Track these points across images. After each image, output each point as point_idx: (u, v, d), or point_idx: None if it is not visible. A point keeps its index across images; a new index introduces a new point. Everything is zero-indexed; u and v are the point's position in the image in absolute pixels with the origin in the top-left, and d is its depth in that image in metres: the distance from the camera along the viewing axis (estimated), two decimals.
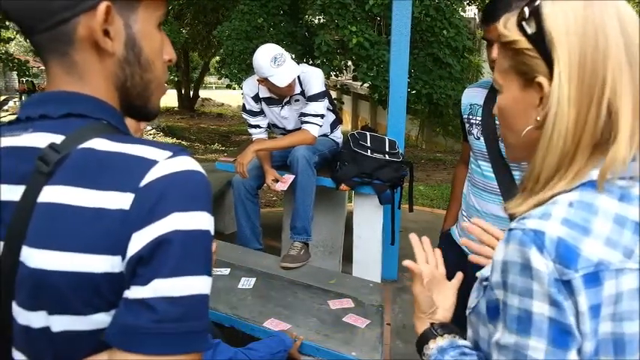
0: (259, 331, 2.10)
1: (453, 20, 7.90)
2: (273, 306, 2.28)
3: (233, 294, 2.35)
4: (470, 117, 1.80)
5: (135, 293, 0.57)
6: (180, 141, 11.80)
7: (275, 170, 2.96)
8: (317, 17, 8.53)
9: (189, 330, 0.58)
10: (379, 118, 14.33)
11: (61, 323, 0.59)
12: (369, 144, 3.06)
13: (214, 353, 1.57)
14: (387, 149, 3.06)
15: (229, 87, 9.61)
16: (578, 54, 0.66)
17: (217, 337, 1.69)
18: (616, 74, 0.66)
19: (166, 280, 0.56)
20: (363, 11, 7.43)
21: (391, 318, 3.11)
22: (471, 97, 1.82)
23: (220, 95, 25.80)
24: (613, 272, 0.63)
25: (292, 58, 2.78)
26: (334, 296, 2.42)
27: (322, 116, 2.89)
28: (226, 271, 2.56)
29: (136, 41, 0.67)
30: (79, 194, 0.58)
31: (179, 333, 0.57)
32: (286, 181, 2.91)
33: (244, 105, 3.02)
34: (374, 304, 2.37)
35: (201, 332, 0.59)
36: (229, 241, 3.14)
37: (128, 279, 0.57)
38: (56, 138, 0.62)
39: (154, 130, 12.17)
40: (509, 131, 0.78)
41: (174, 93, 19.87)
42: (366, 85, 8.12)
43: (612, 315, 0.64)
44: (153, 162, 0.60)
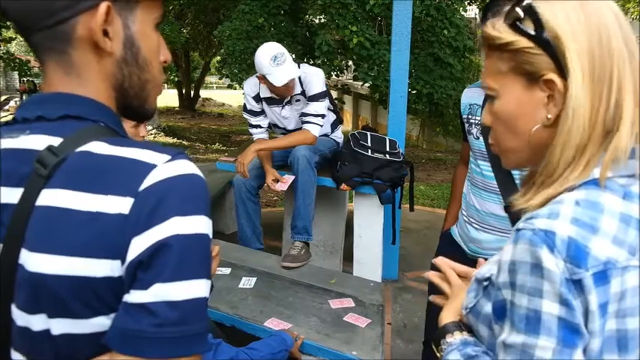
0: (260, 331, 2.10)
1: (454, 20, 7.91)
2: (274, 305, 2.28)
3: (234, 294, 2.36)
4: (469, 117, 1.80)
5: (135, 297, 0.57)
6: (180, 141, 11.81)
7: (275, 170, 2.97)
8: (318, 17, 8.54)
9: (189, 333, 0.58)
10: (380, 118, 14.33)
11: (61, 326, 0.59)
12: (370, 144, 3.06)
13: (216, 353, 1.57)
14: (388, 149, 3.06)
15: (230, 87, 9.63)
16: (586, 49, 0.67)
17: (218, 337, 1.69)
18: (620, 67, 0.67)
19: (167, 285, 0.57)
20: (364, 11, 7.44)
21: (392, 317, 3.12)
22: (471, 97, 1.82)
23: (221, 95, 25.82)
24: (619, 270, 0.63)
25: (293, 58, 2.78)
26: (335, 296, 2.42)
27: (323, 116, 2.89)
28: (227, 271, 2.56)
29: (135, 41, 0.67)
30: (78, 198, 0.58)
31: (180, 336, 0.57)
32: (286, 182, 2.91)
33: (245, 105, 3.02)
34: (374, 304, 2.38)
35: (201, 334, 0.60)
36: (230, 241, 3.14)
37: (128, 283, 0.57)
38: (54, 140, 0.61)
39: (155, 130, 12.17)
40: (511, 135, 0.76)
41: (174, 93, 19.89)
42: (367, 85, 8.13)
43: (616, 312, 0.64)
44: (151, 166, 0.60)
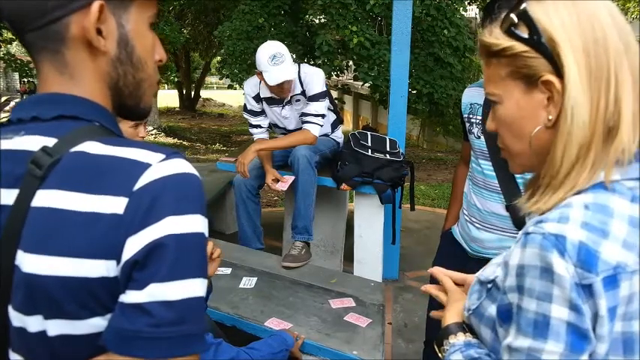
0: (261, 331, 2.10)
1: (454, 20, 7.91)
2: (274, 305, 2.28)
3: (234, 293, 2.36)
4: (470, 116, 1.80)
5: (131, 298, 0.57)
6: (181, 141, 11.82)
7: (276, 170, 2.97)
8: (318, 17, 8.54)
9: (186, 333, 0.58)
10: (380, 118, 14.34)
11: (57, 327, 0.59)
12: (370, 144, 3.06)
13: (216, 353, 1.57)
14: (388, 149, 3.06)
15: (230, 87, 9.62)
16: (581, 47, 0.67)
17: (219, 337, 1.69)
18: (617, 62, 0.68)
19: (162, 285, 0.56)
20: (364, 11, 7.45)
21: (392, 317, 3.12)
22: (472, 97, 1.82)
23: (221, 95, 25.84)
24: (629, 274, 0.63)
25: (293, 59, 2.78)
26: (335, 295, 2.42)
27: (323, 116, 2.89)
28: (228, 271, 2.56)
29: (129, 40, 0.67)
30: (73, 199, 0.58)
31: (176, 336, 0.57)
32: (286, 182, 2.91)
33: (245, 105, 3.02)
34: (375, 304, 2.37)
35: (198, 334, 0.60)
36: (231, 241, 3.15)
37: (123, 283, 0.57)
38: (48, 141, 0.61)
39: (155, 131, 12.18)
40: (516, 139, 0.77)
41: (175, 93, 19.91)
42: (367, 85, 8.13)
43: (624, 315, 0.64)
44: (146, 165, 0.59)
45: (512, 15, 0.71)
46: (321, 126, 2.91)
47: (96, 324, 0.59)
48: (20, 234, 0.58)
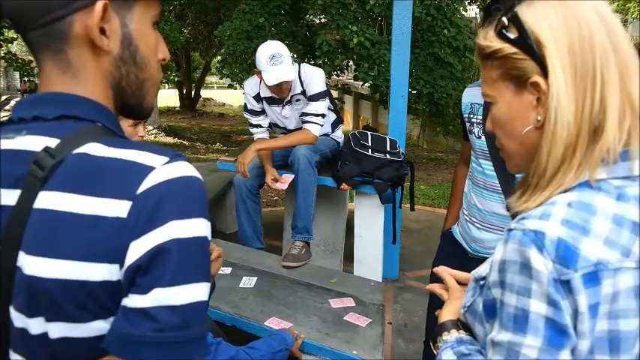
0: (261, 330, 2.10)
1: (454, 20, 7.91)
2: (274, 305, 2.28)
3: (234, 293, 2.36)
4: (471, 116, 1.80)
5: (134, 302, 0.56)
6: (181, 141, 11.82)
7: (275, 170, 2.97)
8: (318, 17, 8.53)
9: (189, 337, 0.58)
10: (380, 118, 14.34)
11: (59, 330, 0.59)
12: (370, 143, 3.06)
13: (216, 352, 1.57)
14: (388, 149, 3.06)
15: (230, 87, 9.63)
16: (566, 46, 0.68)
17: (219, 336, 1.69)
18: (603, 62, 0.68)
19: (166, 290, 0.56)
20: (364, 11, 7.44)
21: (392, 317, 3.12)
22: (472, 97, 1.82)
23: (222, 95, 25.84)
24: (611, 271, 0.64)
25: (294, 58, 2.78)
26: (335, 295, 2.42)
27: (323, 116, 2.89)
28: (228, 271, 2.56)
29: (132, 40, 0.66)
30: (75, 201, 0.57)
31: (180, 341, 0.57)
32: (285, 181, 2.92)
33: (246, 104, 3.02)
34: (375, 303, 2.38)
35: (201, 339, 0.59)
36: (231, 241, 3.15)
37: (126, 287, 0.57)
38: (50, 141, 0.61)
39: (156, 130, 12.18)
40: (509, 139, 0.79)
41: (175, 93, 19.90)
42: (367, 85, 8.13)
43: (608, 313, 0.65)
44: (150, 168, 0.59)
45: (503, 18, 0.73)
46: (322, 126, 2.91)
47: (98, 327, 0.59)
48: (22, 235, 0.58)
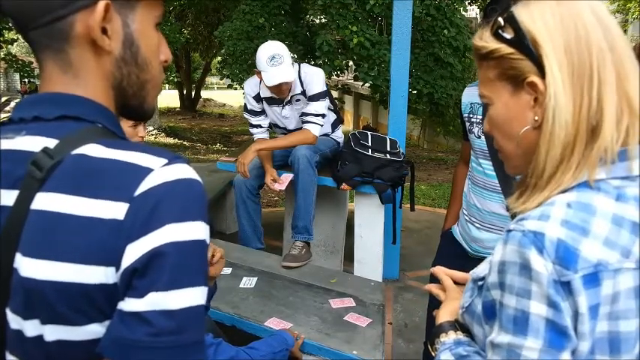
0: (261, 330, 2.10)
1: (454, 20, 7.91)
2: (274, 305, 2.28)
3: (235, 293, 2.36)
4: (470, 116, 1.80)
5: (130, 306, 0.56)
6: (181, 141, 11.82)
7: (275, 170, 2.97)
8: (318, 17, 8.54)
9: (186, 342, 0.57)
10: (381, 118, 14.34)
11: (54, 333, 0.58)
12: (370, 143, 3.06)
13: (216, 352, 1.57)
14: (388, 149, 3.06)
15: (230, 87, 9.62)
16: (563, 46, 0.68)
17: (219, 337, 1.69)
18: (600, 61, 0.68)
19: (162, 294, 0.55)
20: (364, 11, 7.44)
21: (392, 317, 3.12)
22: (472, 96, 1.82)
23: (222, 95, 25.84)
24: (611, 272, 0.63)
25: (294, 59, 2.77)
26: (335, 295, 2.42)
27: (323, 116, 2.89)
28: (228, 271, 2.56)
29: (134, 40, 0.66)
30: (72, 202, 0.57)
31: (175, 346, 0.56)
32: (284, 182, 2.92)
33: (246, 105, 3.02)
34: (375, 303, 2.37)
35: (198, 343, 0.59)
36: (231, 241, 3.15)
37: (122, 290, 0.56)
38: (49, 142, 0.60)
39: (156, 131, 12.18)
40: (506, 140, 0.78)
41: (175, 94, 19.91)
42: (367, 85, 8.13)
43: (609, 314, 0.64)
44: (148, 170, 0.58)
45: (499, 18, 0.73)
46: (322, 126, 2.91)
47: (93, 330, 0.58)
48: (19, 236, 0.58)
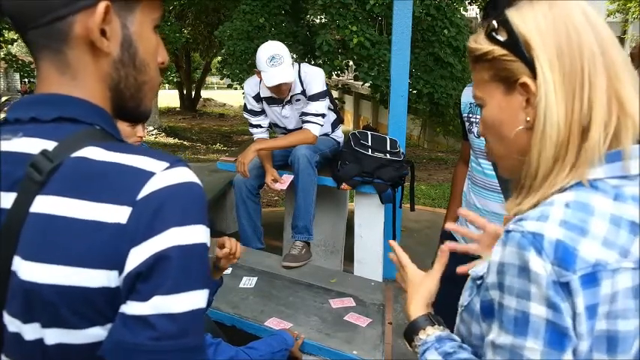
0: (261, 330, 2.10)
1: (454, 20, 7.91)
2: (274, 305, 2.28)
3: (235, 293, 2.36)
4: (470, 115, 1.80)
5: (133, 309, 0.56)
6: (182, 141, 11.82)
7: (275, 170, 2.97)
8: (318, 17, 8.53)
9: (188, 346, 0.57)
10: (381, 118, 14.33)
11: (55, 336, 0.58)
12: (371, 143, 3.06)
13: (215, 352, 1.57)
14: (389, 148, 3.06)
15: (230, 87, 9.62)
16: (554, 48, 0.69)
17: (218, 337, 1.69)
18: (591, 64, 0.69)
19: (166, 297, 0.56)
20: (364, 11, 7.44)
21: (392, 317, 3.11)
22: (471, 96, 1.81)
23: (222, 95, 25.83)
24: (610, 272, 0.64)
25: (294, 58, 2.77)
26: (335, 295, 2.42)
27: (323, 115, 2.89)
28: (228, 271, 2.56)
29: (132, 42, 0.66)
30: (74, 206, 0.56)
31: (177, 349, 0.56)
32: (285, 181, 2.91)
33: (246, 105, 3.02)
34: (375, 303, 2.37)
35: (199, 346, 0.59)
36: None
37: (125, 294, 0.56)
38: (48, 144, 0.60)
39: (156, 131, 12.18)
40: (499, 142, 0.79)
41: (175, 93, 19.91)
42: (367, 85, 8.13)
43: (607, 313, 0.64)
44: (150, 174, 0.58)
45: (493, 21, 0.74)
46: (322, 125, 2.91)
47: (95, 334, 0.58)
48: (17, 239, 0.57)
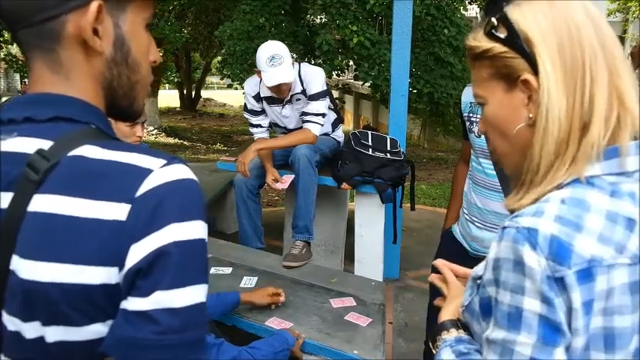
0: (262, 330, 2.10)
1: (454, 19, 7.90)
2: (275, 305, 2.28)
3: None
4: (470, 115, 1.80)
5: (135, 305, 0.56)
6: (182, 141, 11.82)
7: (276, 170, 2.97)
8: (318, 17, 8.52)
9: (190, 340, 0.58)
10: (381, 118, 14.32)
11: (56, 334, 0.58)
12: (371, 143, 3.06)
13: (218, 353, 1.58)
14: (389, 148, 3.06)
15: (230, 87, 9.61)
16: (555, 44, 0.69)
17: (220, 337, 1.69)
18: (592, 59, 0.69)
19: (167, 292, 0.56)
20: (364, 10, 7.43)
21: (393, 316, 3.12)
22: (471, 96, 1.81)
23: (222, 95, 25.81)
24: (605, 268, 0.64)
25: (294, 58, 2.77)
26: (336, 295, 2.42)
27: (323, 115, 2.89)
28: (228, 270, 2.56)
29: (125, 41, 0.66)
30: (72, 204, 0.57)
31: (181, 343, 0.57)
32: (285, 181, 2.92)
33: (246, 104, 3.02)
34: (376, 303, 2.37)
35: (201, 341, 0.60)
36: (231, 241, 3.15)
37: (125, 290, 0.57)
38: (44, 144, 0.60)
39: (156, 131, 12.17)
40: (502, 139, 0.79)
41: (175, 93, 19.89)
42: (368, 85, 8.12)
43: (603, 310, 0.65)
44: (148, 171, 0.59)
45: (492, 18, 0.74)
46: (322, 125, 2.91)
47: (96, 330, 0.58)
48: (15, 238, 0.57)
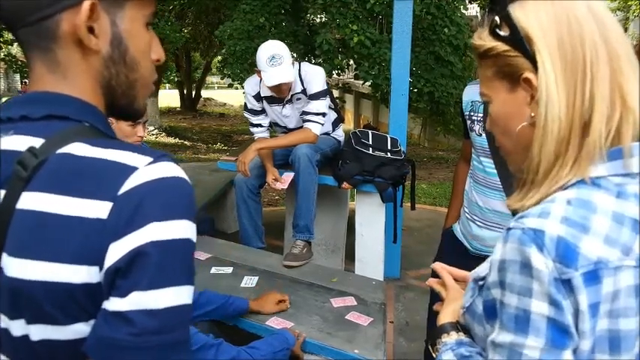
0: (262, 330, 2.09)
1: (455, 18, 7.89)
2: None
3: (236, 293, 2.34)
4: (471, 114, 1.80)
5: (113, 305, 0.56)
6: (182, 141, 11.82)
7: (276, 169, 2.96)
8: (318, 16, 8.52)
9: (169, 342, 0.57)
10: (381, 117, 14.31)
11: (40, 332, 0.58)
12: (371, 142, 3.05)
13: (217, 352, 1.57)
14: (389, 147, 3.06)
15: (231, 86, 9.61)
16: (555, 41, 0.69)
17: (220, 337, 1.69)
18: (593, 54, 0.68)
19: (145, 293, 0.55)
20: (365, 10, 7.42)
21: (394, 316, 3.10)
22: (472, 94, 1.82)
23: (222, 95, 25.81)
24: (612, 270, 0.63)
25: (294, 58, 2.77)
26: (336, 294, 2.42)
27: (324, 114, 2.89)
28: (229, 270, 2.56)
29: (122, 40, 0.65)
30: (57, 202, 0.57)
31: (159, 345, 0.56)
32: (286, 181, 2.91)
33: (246, 104, 3.02)
34: (376, 302, 2.37)
35: (182, 342, 0.58)
36: (232, 241, 3.14)
37: (107, 290, 0.56)
38: (36, 141, 0.60)
39: (157, 131, 12.17)
40: (506, 137, 0.79)
41: (176, 93, 19.89)
42: (368, 84, 8.12)
43: (609, 312, 0.64)
44: (132, 168, 0.58)
45: (496, 17, 0.74)
46: (322, 124, 2.91)
47: (79, 330, 0.58)
48: (5, 237, 0.57)
